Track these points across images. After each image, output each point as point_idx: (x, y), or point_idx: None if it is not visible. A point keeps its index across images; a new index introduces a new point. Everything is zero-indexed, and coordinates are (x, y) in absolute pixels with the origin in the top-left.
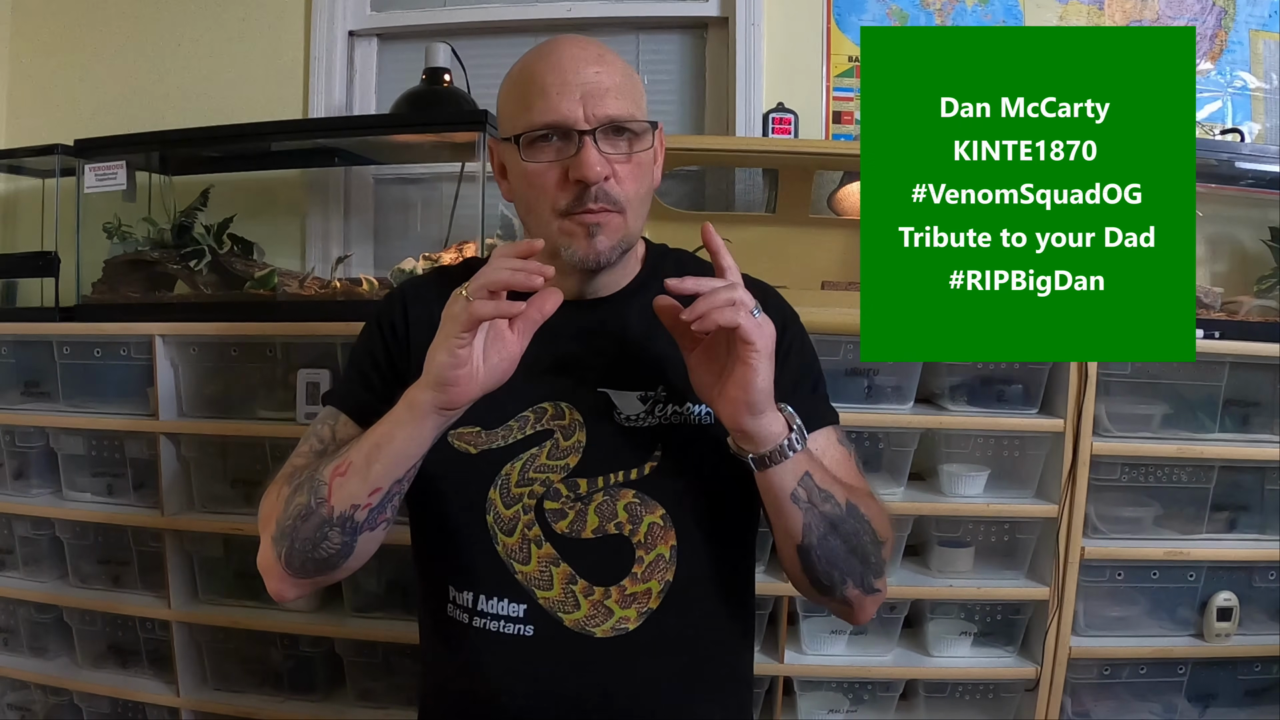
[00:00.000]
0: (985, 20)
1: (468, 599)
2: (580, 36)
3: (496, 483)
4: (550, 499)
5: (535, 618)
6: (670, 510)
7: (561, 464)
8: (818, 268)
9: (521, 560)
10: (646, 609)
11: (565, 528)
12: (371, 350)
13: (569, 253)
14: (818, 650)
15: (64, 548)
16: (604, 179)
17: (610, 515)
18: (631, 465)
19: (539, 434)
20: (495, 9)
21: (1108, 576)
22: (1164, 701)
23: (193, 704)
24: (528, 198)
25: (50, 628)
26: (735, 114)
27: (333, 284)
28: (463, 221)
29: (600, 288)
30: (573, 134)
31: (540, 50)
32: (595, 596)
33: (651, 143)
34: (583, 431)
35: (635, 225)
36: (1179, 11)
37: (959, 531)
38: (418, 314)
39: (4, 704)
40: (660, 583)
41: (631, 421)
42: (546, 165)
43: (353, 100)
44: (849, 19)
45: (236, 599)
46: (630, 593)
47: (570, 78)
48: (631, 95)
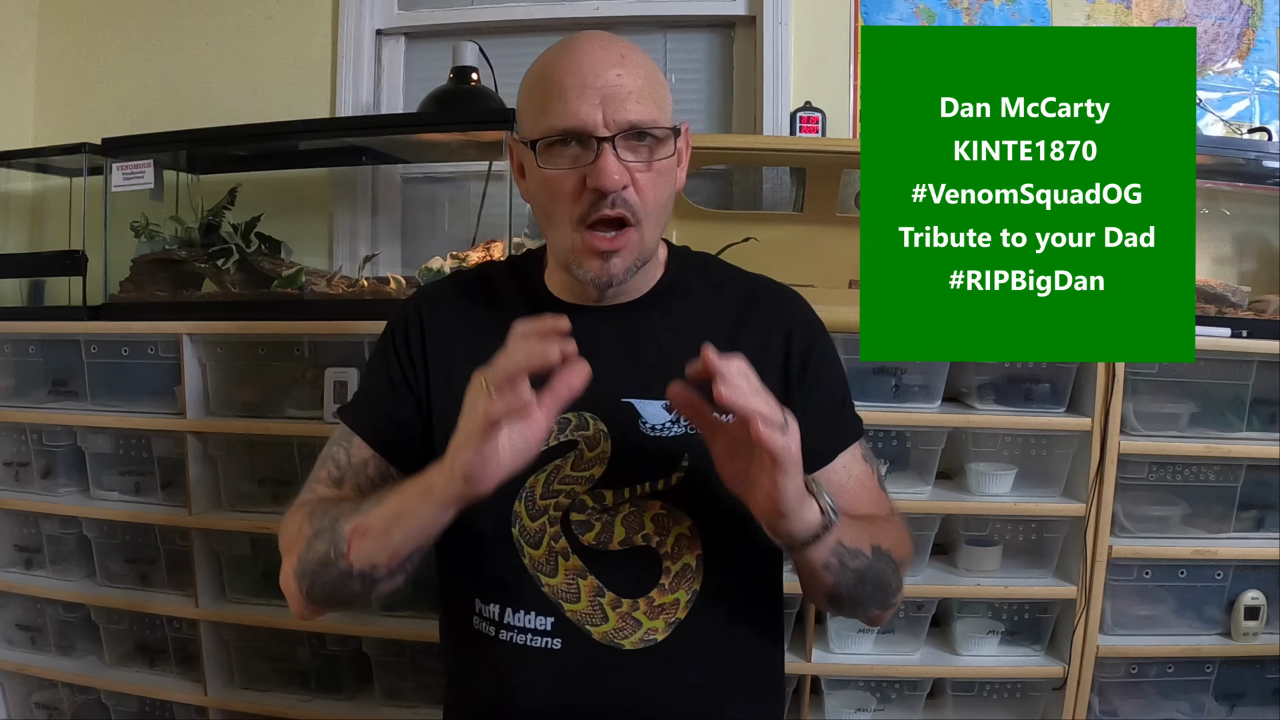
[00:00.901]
0: (1013, 19)
1: (494, 612)
2: (603, 34)
3: (521, 495)
4: (576, 510)
5: (563, 630)
6: (697, 520)
7: (586, 475)
8: (845, 266)
9: (548, 573)
10: (675, 619)
11: (592, 540)
12: (386, 368)
13: (581, 271)
14: (845, 649)
15: (92, 546)
16: (622, 188)
17: (638, 527)
18: (658, 476)
19: (563, 445)
20: (523, 8)
21: (1135, 575)
22: (1191, 700)
23: (220, 703)
24: (544, 204)
25: (78, 626)
26: (763, 113)
27: (360, 283)
28: (490, 220)
29: (621, 294)
30: (591, 140)
31: (560, 48)
32: (623, 609)
33: (674, 148)
34: (608, 442)
35: (652, 237)
36: (1206, 10)
37: (986, 530)
38: (434, 327)
39: (32, 702)
40: (688, 592)
41: (657, 431)
42: (563, 172)
43: (380, 99)
44: (877, 18)
45: (264, 598)
46: (659, 604)
47: (590, 80)
48: (654, 98)
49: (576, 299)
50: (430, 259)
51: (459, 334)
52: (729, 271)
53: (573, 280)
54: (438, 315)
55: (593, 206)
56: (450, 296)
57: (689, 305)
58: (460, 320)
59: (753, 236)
